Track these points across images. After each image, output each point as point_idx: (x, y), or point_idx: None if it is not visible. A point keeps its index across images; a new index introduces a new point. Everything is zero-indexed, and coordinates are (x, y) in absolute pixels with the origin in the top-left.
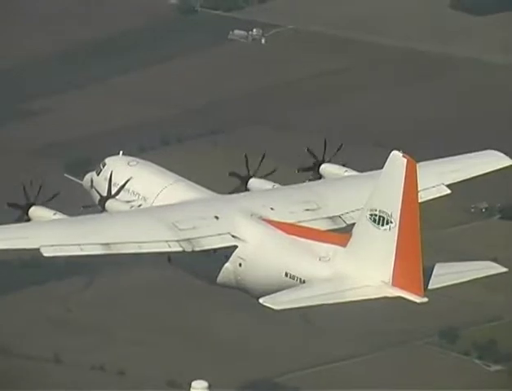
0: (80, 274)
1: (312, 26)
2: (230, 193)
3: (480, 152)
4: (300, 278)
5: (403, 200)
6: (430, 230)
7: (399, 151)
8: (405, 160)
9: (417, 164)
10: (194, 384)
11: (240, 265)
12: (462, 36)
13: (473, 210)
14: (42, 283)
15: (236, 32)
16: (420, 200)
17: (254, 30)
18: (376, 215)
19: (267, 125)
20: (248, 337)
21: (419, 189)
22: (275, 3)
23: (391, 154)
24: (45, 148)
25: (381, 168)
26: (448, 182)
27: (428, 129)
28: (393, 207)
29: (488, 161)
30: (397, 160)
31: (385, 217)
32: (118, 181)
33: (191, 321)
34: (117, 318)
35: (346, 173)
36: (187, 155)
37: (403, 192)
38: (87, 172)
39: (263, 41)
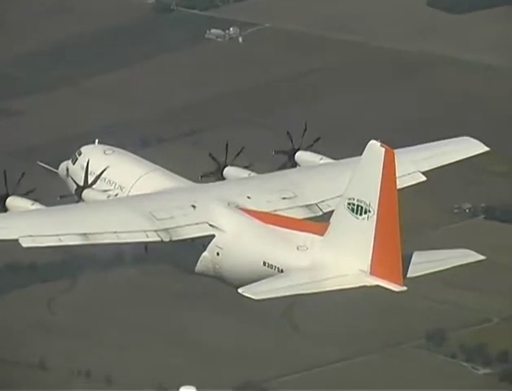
0: (62, 276)
1: (290, 25)
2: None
3: (455, 139)
4: (278, 268)
5: (381, 189)
6: (413, 232)
7: (376, 140)
8: (383, 149)
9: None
10: (182, 389)
11: (217, 254)
12: (440, 34)
13: (456, 211)
14: (25, 286)
15: (213, 31)
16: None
17: (231, 29)
18: (354, 204)
19: (246, 124)
20: (234, 341)
21: None
22: (251, 2)
23: (369, 143)
24: (21, 151)
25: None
26: (423, 169)
27: (408, 127)
28: (371, 196)
29: (464, 148)
30: (375, 149)
31: (363, 206)
32: (94, 170)
33: (177, 323)
34: (102, 321)
35: (321, 161)
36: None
37: (382, 181)
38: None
39: (240, 39)
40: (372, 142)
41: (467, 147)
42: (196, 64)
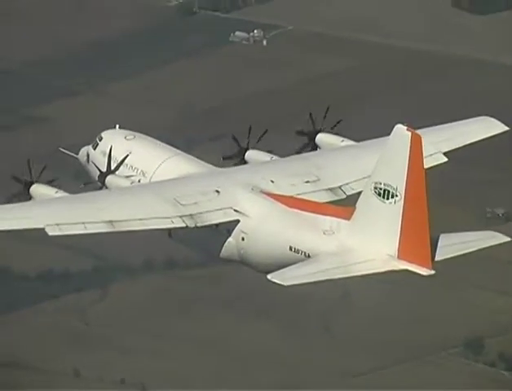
0: (94, 285)
1: (313, 27)
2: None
3: (474, 119)
4: (305, 252)
5: (408, 174)
6: None
7: (403, 124)
8: (409, 133)
9: None
10: None
11: (242, 239)
12: (464, 35)
13: (489, 215)
14: (58, 296)
15: (237, 33)
16: None
17: (255, 31)
18: (381, 188)
19: (272, 128)
20: (268, 346)
21: None
22: (273, 4)
23: (395, 127)
24: (46, 156)
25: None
26: (444, 150)
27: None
28: (398, 180)
29: (483, 127)
30: (401, 133)
31: (390, 190)
32: (116, 155)
33: (209, 330)
34: (135, 330)
35: (342, 143)
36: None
37: (409, 165)
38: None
39: (265, 42)
40: (399, 125)
41: (487, 127)
42: (222, 68)
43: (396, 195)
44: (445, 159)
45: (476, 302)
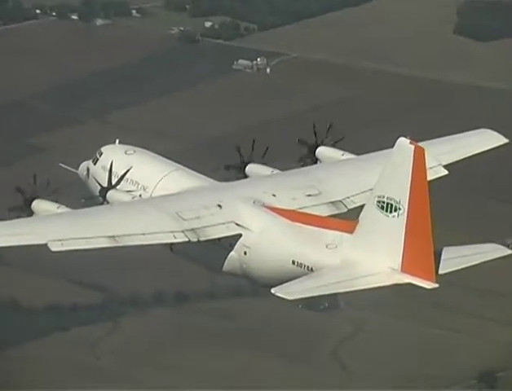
0: (104, 318)
1: (316, 54)
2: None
3: (474, 131)
4: (308, 266)
5: (411, 187)
6: (454, 272)
7: (405, 137)
8: (412, 146)
9: None
10: None
11: (245, 253)
12: (466, 62)
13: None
14: (68, 329)
15: (241, 61)
16: None
17: (259, 59)
18: (384, 202)
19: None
20: (283, 383)
21: None
22: (276, 31)
23: (398, 140)
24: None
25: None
26: (444, 163)
27: None
28: (401, 193)
29: (483, 140)
30: (404, 146)
31: (393, 203)
32: (117, 170)
33: (221, 365)
34: (147, 364)
35: (343, 157)
36: None
37: (412, 179)
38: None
39: (268, 70)
40: (402, 138)
41: (487, 139)
42: (226, 96)
43: (399, 209)
44: (445, 172)
45: (490, 335)
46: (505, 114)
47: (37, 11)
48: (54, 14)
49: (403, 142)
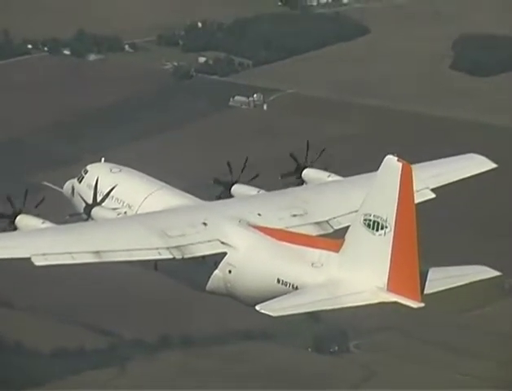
0: (111, 361)
1: (313, 91)
2: (215, 199)
3: (462, 156)
4: (293, 285)
5: (398, 205)
6: (461, 310)
7: (393, 155)
8: (400, 164)
9: None
10: None
11: (229, 271)
12: (463, 97)
13: (507, 286)
14: (76, 373)
15: (237, 98)
16: None
17: (255, 96)
18: (370, 220)
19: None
20: None
21: None
22: (270, 67)
23: (386, 158)
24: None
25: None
26: (432, 186)
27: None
28: (388, 211)
29: (471, 165)
30: (392, 164)
31: (379, 221)
32: (101, 188)
33: None
34: None
35: (329, 178)
36: None
37: (399, 197)
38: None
39: (265, 107)
40: (389, 156)
41: (475, 164)
42: (223, 134)
43: (386, 227)
44: (433, 195)
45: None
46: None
47: (29, 46)
48: (46, 49)
49: (391, 159)
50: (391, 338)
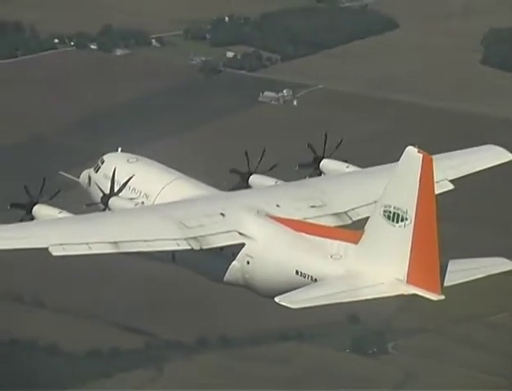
0: (147, 363)
1: (342, 85)
2: (231, 190)
3: (480, 147)
4: (311, 277)
5: (419, 197)
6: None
7: (414, 146)
8: (421, 155)
9: None
10: None
11: (247, 262)
12: (494, 92)
13: None
14: (111, 375)
15: (267, 93)
16: None
17: (285, 91)
18: (390, 211)
19: None
20: None
21: None
22: (298, 62)
23: (406, 149)
24: None
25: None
26: (450, 178)
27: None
28: (408, 203)
29: (489, 156)
30: (412, 155)
31: (400, 213)
32: (119, 178)
33: None
34: None
35: (348, 169)
36: None
37: (420, 188)
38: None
39: (295, 102)
40: (410, 147)
41: (493, 156)
42: (254, 129)
43: (406, 219)
44: (451, 186)
45: None
46: None
47: (56, 41)
48: (72, 43)
49: (412, 150)
50: (429, 339)
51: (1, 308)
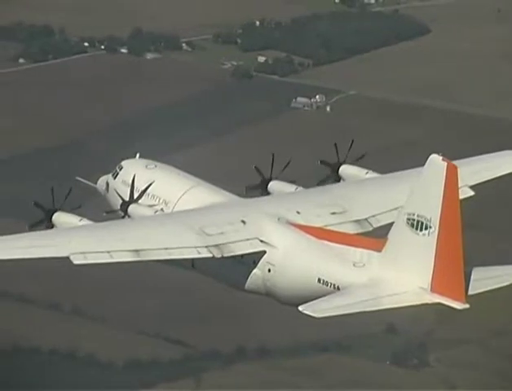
0: (187, 374)
1: (375, 92)
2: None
3: (498, 153)
4: (334, 285)
5: (443, 205)
6: None
7: (438, 154)
8: (445, 163)
9: None
10: None
11: (269, 270)
12: None
13: None
14: (151, 385)
15: (299, 99)
16: None
17: (317, 97)
18: (414, 219)
19: None
20: None
21: None
22: (330, 67)
23: (430, 157)
24: None
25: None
26: (470, 184)
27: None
28: (432, 211)
29: (508, 161)
30: (436, 163)
31: (423, 221)
32: (138, 184)
33: None
34: None
35: (367, 175)
36: None
37: (444, 196)
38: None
39: (328, 108)
40: (434, 155)
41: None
42: (288, 135)
43: (430, 227)
44: (472, 193)
45: None
46: None
47: (86, 45)
48: (102, 47)
49: (436, 159)
50: (470, 351)
51: (38, 317)
